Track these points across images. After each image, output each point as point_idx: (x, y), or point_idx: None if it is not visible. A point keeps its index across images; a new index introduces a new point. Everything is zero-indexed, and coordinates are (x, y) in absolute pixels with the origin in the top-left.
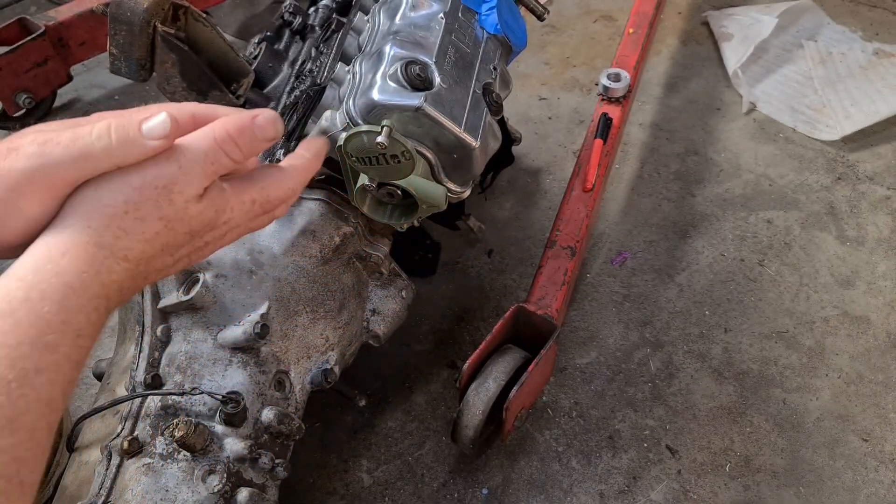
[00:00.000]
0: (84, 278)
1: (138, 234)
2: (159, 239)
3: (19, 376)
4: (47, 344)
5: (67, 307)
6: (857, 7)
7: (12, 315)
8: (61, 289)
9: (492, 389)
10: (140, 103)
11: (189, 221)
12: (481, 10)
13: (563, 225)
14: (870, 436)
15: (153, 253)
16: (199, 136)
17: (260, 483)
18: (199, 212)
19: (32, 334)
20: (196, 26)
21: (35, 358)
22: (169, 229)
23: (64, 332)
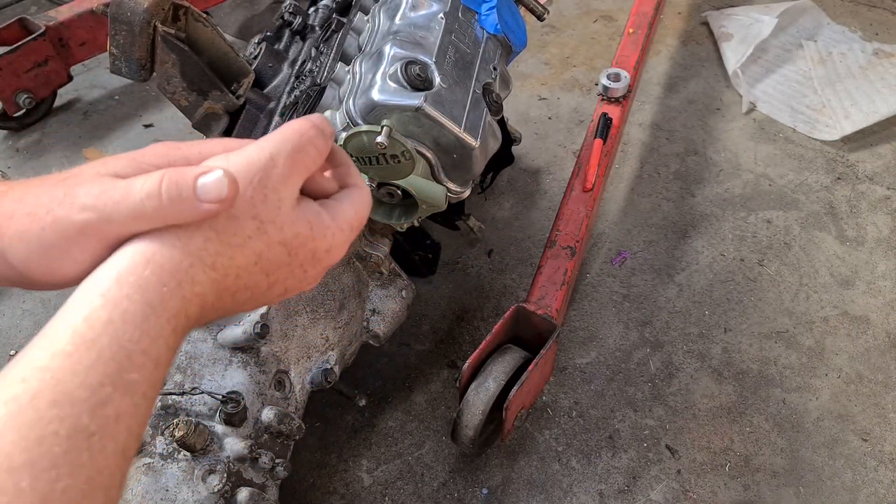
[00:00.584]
0: (164, 293)
1: (229, 235)
2: (250, 245)
3: (101, 427)
4: (128, 384)
5: (148, 332)
6: (857, 7)
7: (95, 344)
8: (143, 309)
9: (492, 389)
10: (140, 103)
11: (282, 228)
12: (481, 10)
13: (563, 225)
14: (869, 435)
15: (244, 263)
16: (279, 131)
17: (260, 483)
18: (294, 220)
19: (113, 371)
20: (196, 26)
21: (116, 402)
22: (261, 233)
23: (143, 365)
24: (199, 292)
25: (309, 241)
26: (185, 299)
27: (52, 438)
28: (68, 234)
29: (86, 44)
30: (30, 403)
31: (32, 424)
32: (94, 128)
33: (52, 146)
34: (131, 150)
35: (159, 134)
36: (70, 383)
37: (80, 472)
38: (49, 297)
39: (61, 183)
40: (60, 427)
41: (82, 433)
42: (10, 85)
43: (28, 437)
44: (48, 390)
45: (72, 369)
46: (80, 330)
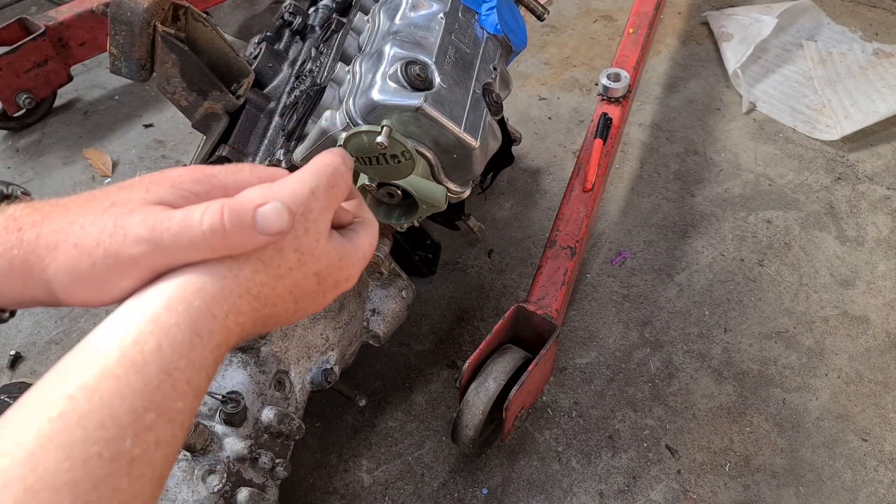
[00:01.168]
0: (212, 324)
1: (274, 267)
2: (291, 276)
3: (142, 453)
4: (171, 412)
5: (193, 363)
6: (857, 7)
7: (143, 370)
8: (191, 338)
9: (492, 389)
10: (140, 103)
11: (318, 259)
12: (481, 10)
13: (563, 225)
14: (869, 435)
15: (282, 293)
16: (313, 165)
17: (260, 483)
18: (328, 251)
19: (159, 398)
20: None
21: (159, 430)
22: (301, 265)
23: (186, 394)
24: (241, 322)
25: (336, 271)
26: (229, 330)
27: (96, 461)
28: (121, 268)
29: (86, 44)
30: (77, 423)
31: (78, 444)
32: (95, 128)
33: (52, 146)
34: (131, 150)
35: (159, 134)
36: (117, 407)
37: (119, 497)
38: None
39: (109, 211)
40: (105, 450)
41: (125, 458)
42: (10, 85)
43: (73, 456)
44: (96, 412)
45: (119, 392)
46: (129, 353)
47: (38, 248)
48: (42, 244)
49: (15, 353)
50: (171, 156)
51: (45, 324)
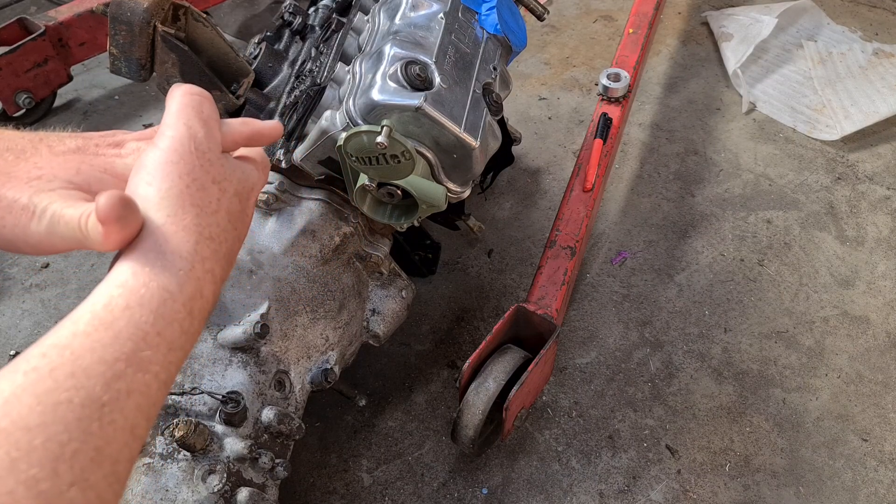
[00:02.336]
0: (180, 276)
1: (207, 205)
2: (222, 206)
3: (112, 399)
4: (141, 361)
5: (163, 315)
6: (857, 7)
7: (113, 326)
8: (159, 293)
9: (492, 389)
10: (140, 103)
11: (231, 179)
12: (481, 10)
13: (563, 225)
14: (869, 435)
15: (224, 224)
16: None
17: (260, 483)
18: (232, 168)
19: (129, 349)
20: (196, 26)
21: (129, 377)
22: (223, 192)
23: (158, 346)
24: (209, 268)
25: (246, 182)
26: (199, 279)
27: (66, 406)
28: (26, 238)
29: (86, 44)
30: (49, 374)
31: (49, 392)
32: (94, 128)
33: None
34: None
35: None
36: (87, 359)
37: (90, 439)
38: (49, 298)
39: (33, 183)
40: (75, 396)
41: (95, 403)
42: (9, 85)
43: (44, 402)
44: (67, 364)
45: (90, 347)
46: (100, 314)
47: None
48: None
49: (15, 352)
50: None
51: (46, 324)
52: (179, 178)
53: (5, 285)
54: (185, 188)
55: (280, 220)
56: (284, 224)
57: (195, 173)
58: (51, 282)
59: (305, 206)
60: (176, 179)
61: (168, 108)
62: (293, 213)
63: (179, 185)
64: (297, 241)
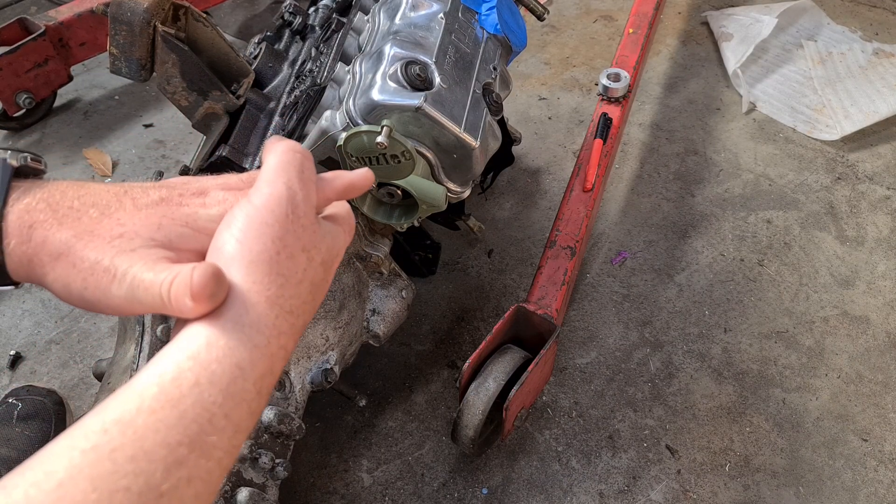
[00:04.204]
0: (255, 354)
1: (293, 276)
2: (307, 277)
3: (172, 488)
4: (205, 447)
5: (233, 396)
6: (857, 7)
7: (180, 404)
8: (230, 371)
9: (492, 389)
10: (140, 103)
11: (320, 249)
12: (481, 10)
13: (563, 225)
14: (869, 435)
15: (305, 296)
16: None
17: (260, 483)
18: (323, 236)
19: (194, 432)
20: (196, 26)
21: (191, 464)
22: (310, 261)
23: (224, 429)
24: (283, 343)
25: (333, 251)
26: (273, 356)
27: (123, 494)
28: (106, 301)
29: (86, 44)
30: (108, 455)
31: (106, 477)
32: (95, 128)
33: (52, 146)
34: (131, 150)
35: (159, 134)
36: (150, 440)
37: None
38: (49, 298)
39: (115, 242)
40: (133, 483)
41: (153, 492)
42: (10, 85)
43: (100, 489)
44: (128, 445)
45: (154, 427)
46: (167, 389)
47: (42, 252)
48: (46, 251)
49: (15, 353)
50: (171, 156)
51: (46, 324)
52: (272, 242)
53: None
54: (275, 254)
55: None
56: None
57: (287, 239)
58: None
59: None
60: (268, 244)
61: (267, 161)
62: None
63: (271, 250)
64: None
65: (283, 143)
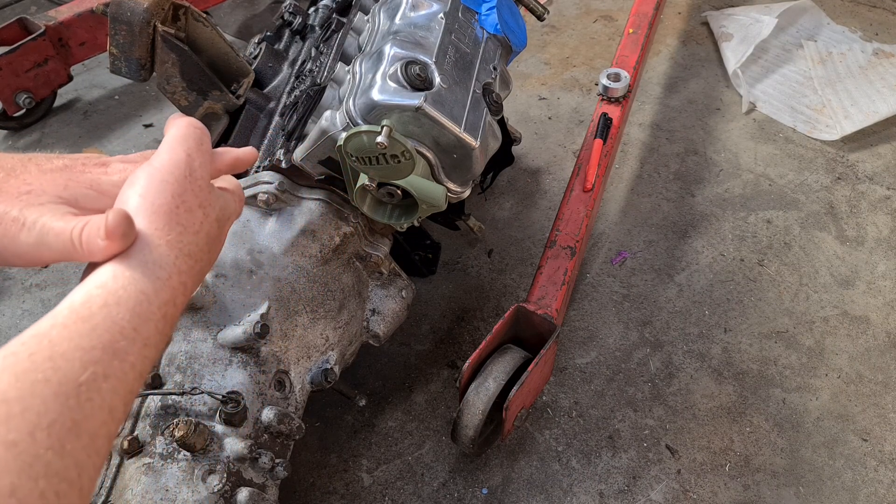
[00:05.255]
0: (157, 284)
1: (191, 226)
2: (204, 229)
3: (88, 380)
4: (117, 350)
5: (139, 314)
6: (857, 7)
7: (90, 319)
8: (136, 295)
9: (492, 389)
10: (140, 103)
11: (214, 206)
12: (481, 10)
13: (563, 225)
14: (869, 435)
15: (202, 245)
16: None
17: (260, 483)
18: (216, 196)
19: (106, 339)
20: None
21: (105, 363)
22: (206, 216)
23: (134, 339)
24: (184, 281)
25: (225, 209)
26: (174, 289)
27: (43, 384)
28: (16, 249)
29: (86, 44)
30: (27, 358)
31: (27, 371)
32: (94, 127)
33: (52, 146)
34: (131, 150)
35: (159, 134)
36: (64, 346)
37: (67, 412)
38: (49, 298)
39: (23, 198)
40: (53, 375)
41: (72, 382)
42: (10, 85)
43: (22, 379)
44: (45, 349)
45: (68, 336)
46: (78, 309)
47: None
48: None
49: None
50: None
51: None
52: (172, 197)
53: (5, 285)
54: (174, 207)
55: (280, 220)
56: (284, 224)
57: (185, 196)
58: (51, 282)
59: (305, 206)
60: (168, 198)
61: (169, 133)
62: (293, 213)
63: (171, 203)
64: (297, 241)
65: (183, 119)
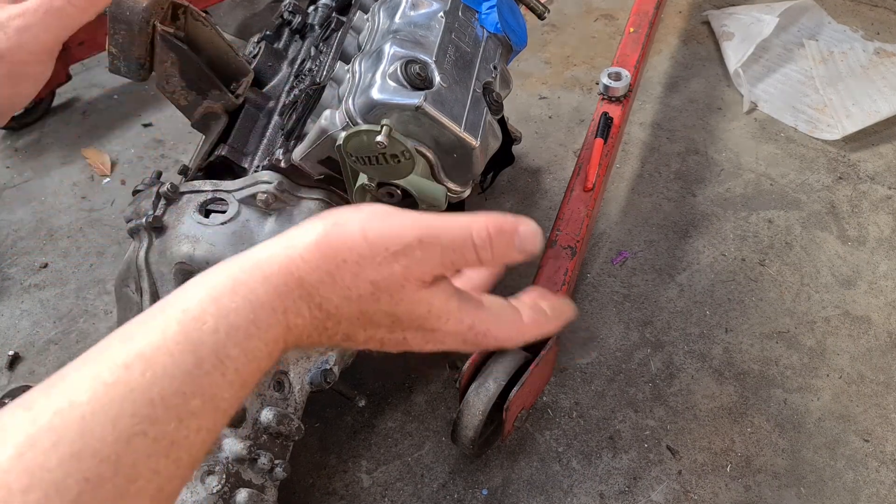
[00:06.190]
0: (272, 317)
1: (343, 287)
2: (360, 303)
3: (184, 438)
4: (216, 400)
5: (246, 352)
6: (859, 6)
7: (197, 350)
8: (247, 327)
9: (492, 390)
10: (139, 103)
11: (398, 302)
12: (481, 9)
13: (564, 225)
14: (871, 436)
15: (348, 315)
16: (455, 221)
17: (259, 484)
18: (414, 300)
19: (207, 385)
20: (195, 25)
21: (202, 416)
22: (374, 299)
23: (233, 383)
24: (300, 324)
25: (420, 319)
26: (287, 328)
27: (141, 439)
28: None
29: (84, 43)
30: (128, 396)
31: (126, 419)
32: (93, 127)
33: (50, 145)
34: (130, 149)
35: (158, 133)
36: (168, 388)
37: (156, 479)
38: (48, 298)
39: None
40: (150, 429)
41: (167, 439)
42: None
43: (120, 429)
44: (147, 388)
45: (172, 373)
46: (188, 329)
47: None
48: None
49: (14, 353)
50: (171, 155)
51: (44, 324)
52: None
53: (4, 285)
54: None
55: (279, 220)
56: (284, 224)
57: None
58: (50, 282)
59: (305, 205)
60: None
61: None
62: (292, 213)
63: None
64: None
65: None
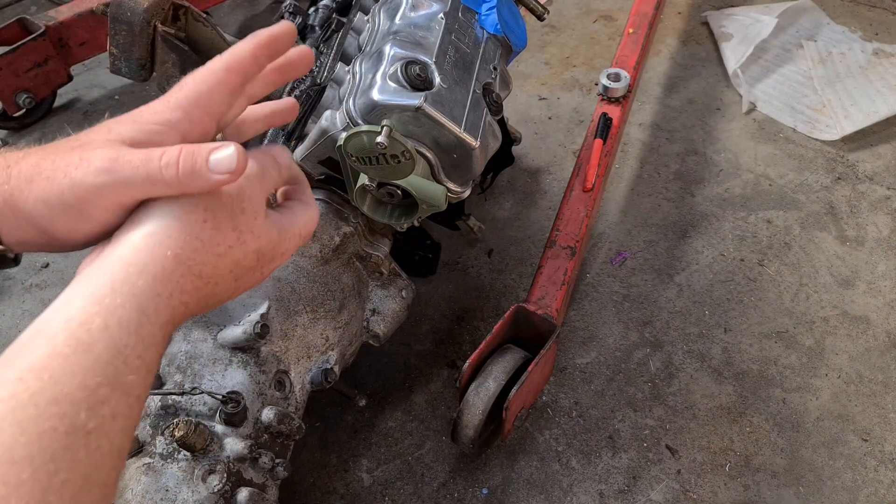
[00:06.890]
0: (158, 302)
1: (214, 246)
2: (230, 254)
3: (98, 426)
4: (125, 385)
5: (142, 338)
6: (857, 7)
7: (92, 348)
8: (137, 317)
9: (492, 389)
10: (140, 103)
11: (258, 236)
12: (481, 10)
13: (563, 225)
14: (869, 435)
15: (223, 271)
16: None
17: (260, 483)
18: (266, 227)
19: (111, 373)
20: (196, 26)
21: (113, 402)
22: (240, 243)
23: (139, 368)
24: (185, 301)
25: (275, 246)
26: (174, 308)
27: (51, 434)
28: (85, 196)
29: (86, 44)
30: (29, 400)
31: (33, 420)
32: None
33: None
34: None
35: None
36: (69, 384)
37: (78, 468)
38: (49, 298)
39: (76, 149)
40: (59, 424)
41: (80, 430)
42: (10, 85)
43: (28, 431)
44: (48, 389)
45: (70, 370)
46: (77, 333)
47: (20, 181)
48: (22, 178)
49: None
50: None
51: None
52: (204, 209)
53: (6, 285)
54: (200, 220)
55: None
56: None
57: (219, 212)
58: (51, 282)
59: None
60: (199, 211)
61: None
62: None
63: (195, 215)
64: None
65: (265, 148)
